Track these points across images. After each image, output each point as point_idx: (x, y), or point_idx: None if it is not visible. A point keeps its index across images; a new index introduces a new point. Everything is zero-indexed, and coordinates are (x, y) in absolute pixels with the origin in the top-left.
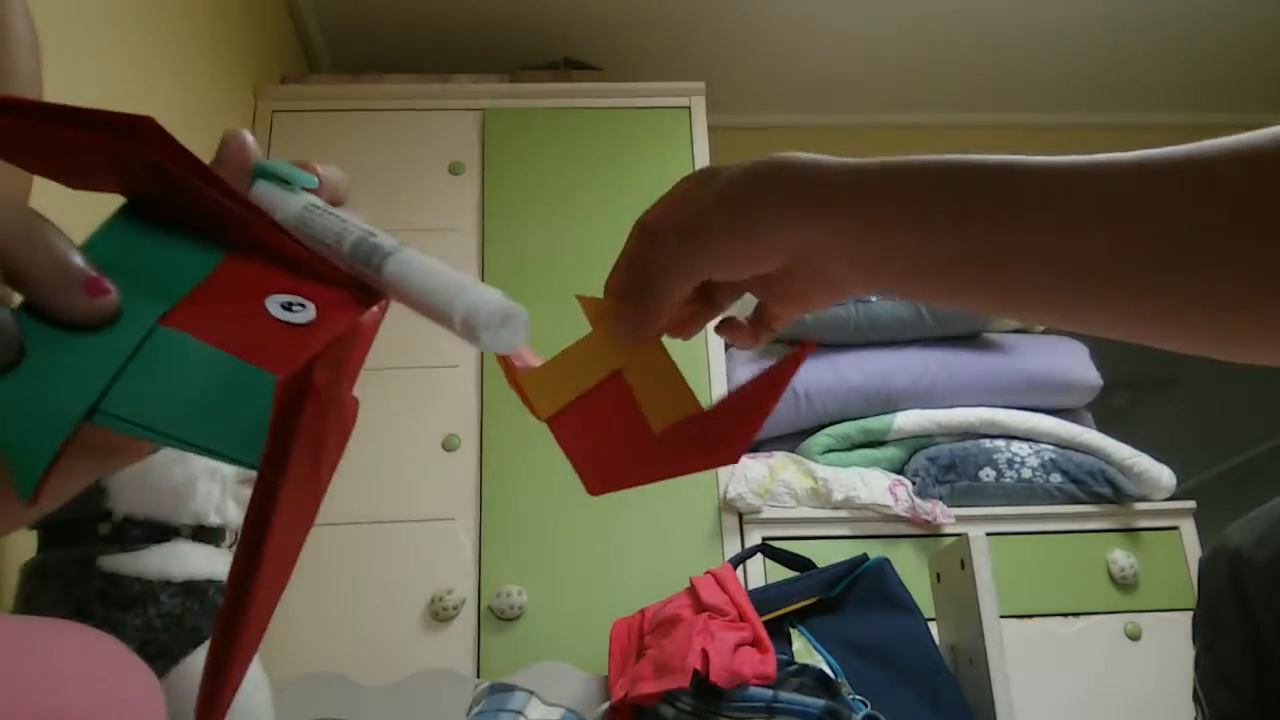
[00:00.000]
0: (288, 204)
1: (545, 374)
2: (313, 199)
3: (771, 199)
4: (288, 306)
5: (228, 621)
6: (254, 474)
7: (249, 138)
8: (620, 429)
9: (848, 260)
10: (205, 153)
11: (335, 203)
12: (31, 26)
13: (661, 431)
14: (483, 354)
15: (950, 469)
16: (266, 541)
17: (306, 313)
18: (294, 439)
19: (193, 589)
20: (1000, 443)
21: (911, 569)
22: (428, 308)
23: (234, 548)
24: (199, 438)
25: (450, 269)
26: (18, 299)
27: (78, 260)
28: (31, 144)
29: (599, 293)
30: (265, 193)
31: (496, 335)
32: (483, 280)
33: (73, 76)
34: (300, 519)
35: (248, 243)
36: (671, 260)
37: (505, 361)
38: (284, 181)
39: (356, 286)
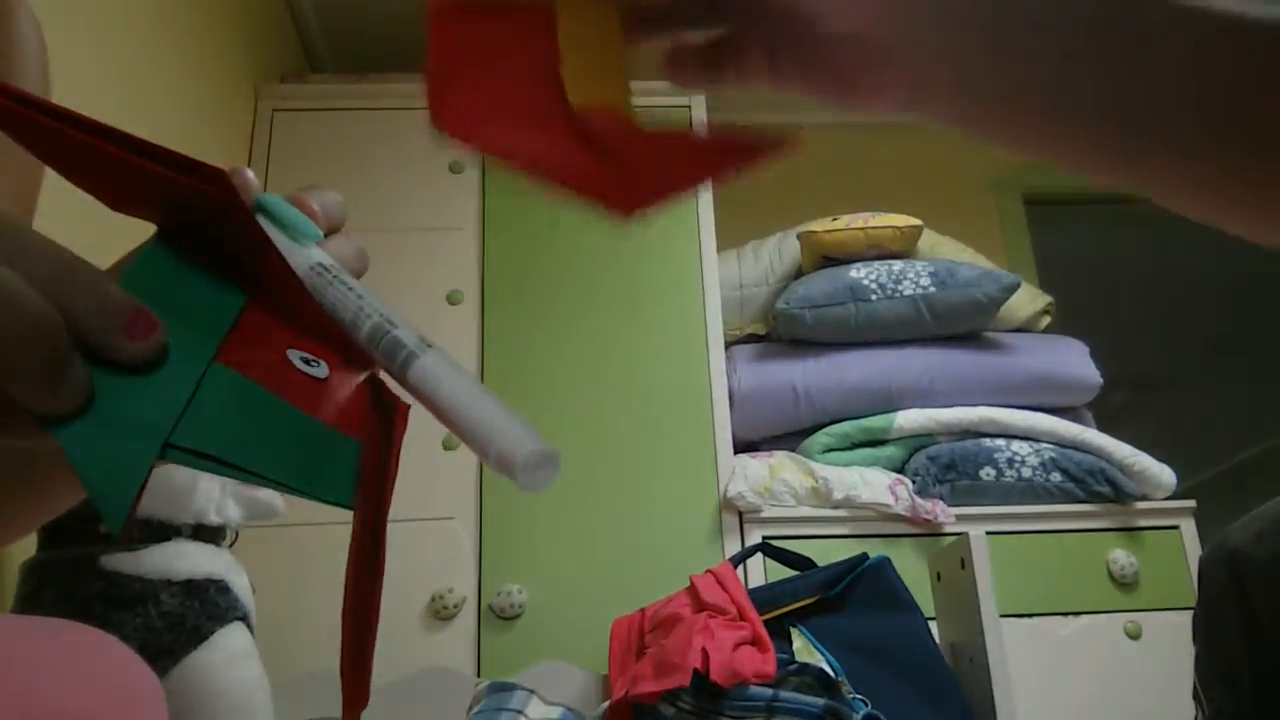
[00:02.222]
0: (293, 258)
1: None
2: (320, 257)
3: None
4: (306, 361)
5: (357, 638)
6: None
7: (250, 175)
8: (520, 71)
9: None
10: (206, 153)
11: (334, 228)
12: (42, 46)
13: (577, 106)
14: (482, 354)
15: (950, 468)
16: (379, 573)
17: (322, 369)
18: (389, 467)
19: (193, 588)
20: (1000, 442)
21: (911, 568)
22: (459, 431)
23: (233, 545)
24: (270, 470)
25: (477, 388)
26: None
27: (120, 301)
28: (88, 161)
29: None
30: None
31: (533, 476)
32: (482, 275)
33: (73, 76)
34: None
35: (265, 292)
36: None
37: None
38: (284, 225)
39: (350, 349)
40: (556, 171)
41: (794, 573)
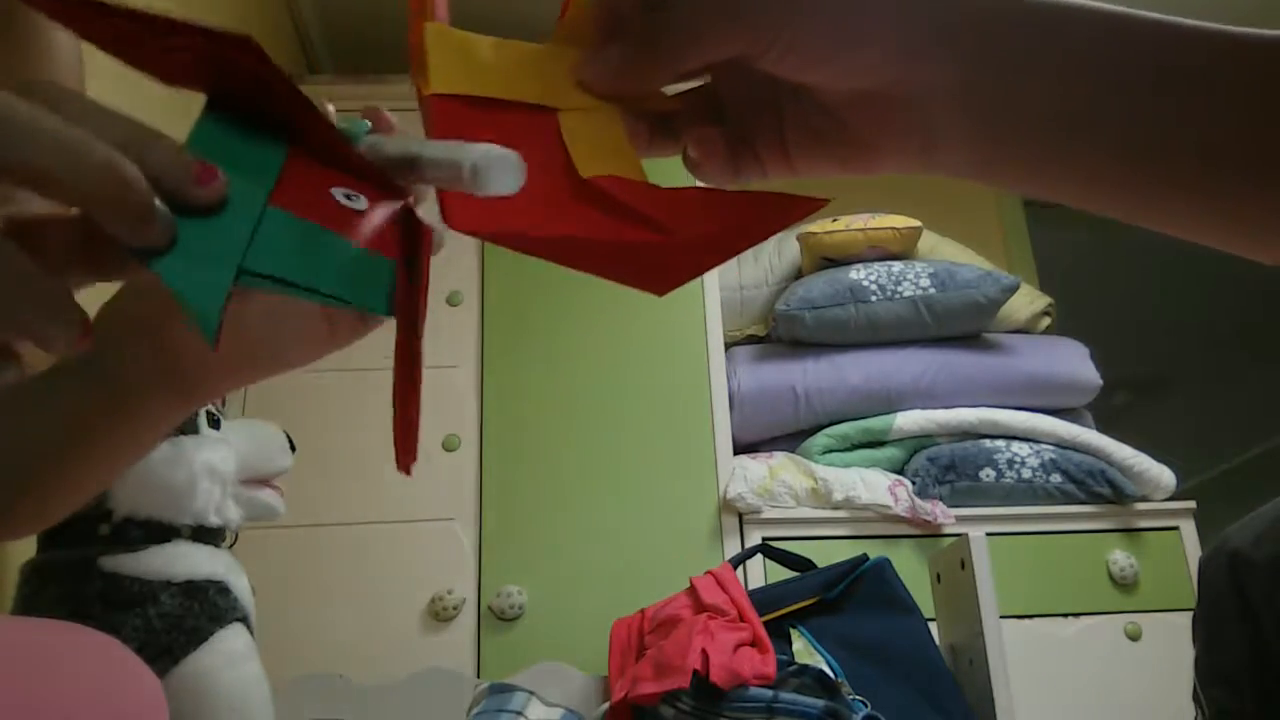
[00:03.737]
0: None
1: (462, 47)
2: (371, 139)
3: None
4: (348, 196)
5: (404, 412)
6: (254, 475)
7: (330, 108)
8: (528, 161)
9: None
10: None
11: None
12: (76, 43)
13: (590, 178)
14: (482, 354)
15: (950, 469)
16: (418, 363)
17: (361, 202)
18: (421, 279)
19: (193, 589)
20: (1000, 443)
21: (911, 569)
22: (436, 167)
23: (232, 546)
24: (323, 285)
25: (442, 141)
26: None
27: (186, 155)
28: (141, 49)
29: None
30: None
31: (504, 176)
32: (482, 276)
33: None
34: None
35: (306, 140)
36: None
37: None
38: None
39: (387, 184)
40: (582, 243)
41: (794, 574)
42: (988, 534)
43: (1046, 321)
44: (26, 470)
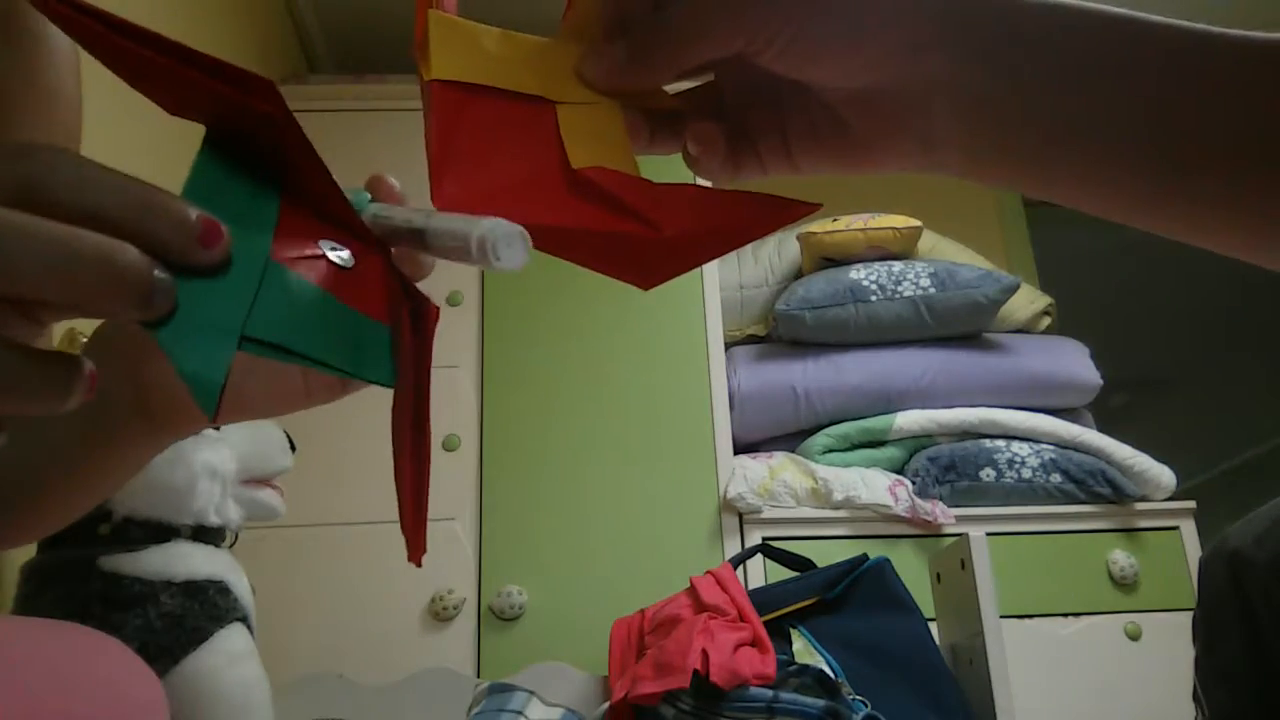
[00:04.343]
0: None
1: (465, 36)
2: (376, 209)
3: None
4: (335, 250)
5: (416, 501)
6: (254, 475)
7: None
8: (522, 150)
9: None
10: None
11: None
12: (74, 45)
13: (581, 170)
14: (483, 354)
15: (950, 469)
16: (425, 454)
17: (349, 258)
18: (426, 357)
19: (193, 589)
20: (1000, 443)
21: (911, 569)
22: (439, 238)
23: (232, 546)
24: (325, 356)
25: (443, 213)
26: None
27: (192, 215)
28: (153, 74)
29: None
30: None
31: (513, 252)
32: (482, 276)
33: None
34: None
35: (295, 186)
36: (722, 7)
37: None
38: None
39: (368, 235)
40: (570, 233)
41: (794, 574)
42: (988, 534)
43: (1046, 321)
44: (17, 489)
